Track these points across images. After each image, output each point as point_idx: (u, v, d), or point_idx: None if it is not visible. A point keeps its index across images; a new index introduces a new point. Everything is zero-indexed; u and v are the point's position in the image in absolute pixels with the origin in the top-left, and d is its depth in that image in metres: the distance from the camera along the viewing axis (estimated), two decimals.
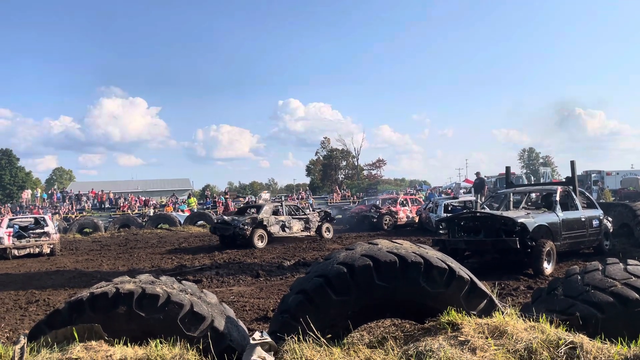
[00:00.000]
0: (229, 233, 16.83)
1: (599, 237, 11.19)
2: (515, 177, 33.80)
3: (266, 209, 17.94)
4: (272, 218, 17.68)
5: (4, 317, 7.62)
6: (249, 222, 16.85)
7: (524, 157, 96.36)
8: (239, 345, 3.33)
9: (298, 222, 18.59)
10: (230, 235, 16.82)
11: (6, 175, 72.40)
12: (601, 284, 3.42)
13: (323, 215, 20.14)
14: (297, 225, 18.51)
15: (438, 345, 2.90)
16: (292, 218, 18.51)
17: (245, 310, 7.31)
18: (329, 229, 19.64)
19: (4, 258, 16.66)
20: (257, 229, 16.97)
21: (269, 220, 17.50)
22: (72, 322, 3.15)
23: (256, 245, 16.50)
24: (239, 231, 16.52)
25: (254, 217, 17.32)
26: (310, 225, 18.96)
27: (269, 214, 17.81)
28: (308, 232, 18.83)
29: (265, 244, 16.83)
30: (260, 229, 17.05)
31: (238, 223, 16.72)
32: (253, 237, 16.66)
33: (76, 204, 39.27)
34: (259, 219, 17.19)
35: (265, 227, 17.20)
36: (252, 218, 17.16)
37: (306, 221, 18.87)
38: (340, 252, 3.56)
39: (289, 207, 19.49)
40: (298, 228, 18.51)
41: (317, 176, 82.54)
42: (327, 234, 19.39)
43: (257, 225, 17.02)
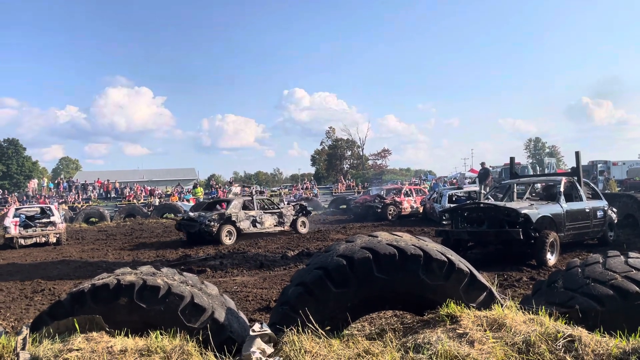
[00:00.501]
0: (195, 230, 15.98)
1: (604, 228, 11.15)
2: (521, 167, 33.69)
3: (235, 204, 16.97)
4: (241, 213, 16.73)
5: (10, 306, 7.70)
6: (216, 218, 16.01)
7: (530, 146, 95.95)
8: (240, 336, 3.35)
9: (271, 217, 17.66)
10: (196, 232, 15.96)
11: (13, 165, 72.74)
12: (601, 277, 3.41)
13: (298, 208, 19.06)
14: (270, 220, 17.59)
15: (436, 338, 2.91)
16: (264, 213, 17.59)
17: (248, 300, 7.35)
18: (304, 223, 18.67)
19: (11, 247, 16.82)
20: (225, 225, 16.06)
21: (238, 215, 16.56)
22: (73, 313, 3.18)
23: (224, 242, 15.59)
24: (205, 228, 15.64)
25: (221, 212, 16.53)
26: (284, 219, 18.01)
27: (238, 208, 16.82)
28: (282, 227, 17.92)
29: (234, 240, 15.92)
30: (228, 225, 16.14)
31: (204, 219, 15.84)
32: (221, 234, 15.77)
33: (82, 194, 39.48)
34: (226, 214, 16.30)
35: (234, 223, 16.30)
36: (219, 214, 16.35)
37: (279, 215, 17.93)
38: (340, 245, 3.57)
39: (261, 201, 18.62)
40: (271, 223, 17.59)
41: (322, 166, 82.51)
42: (302, 228, 18.39)
43: (225, 221, 16.13)
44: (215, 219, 15.93)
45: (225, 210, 16.52)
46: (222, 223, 16.00)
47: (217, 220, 15.94)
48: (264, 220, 17.41)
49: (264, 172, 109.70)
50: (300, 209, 18.99)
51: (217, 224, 15.87)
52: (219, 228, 15.82)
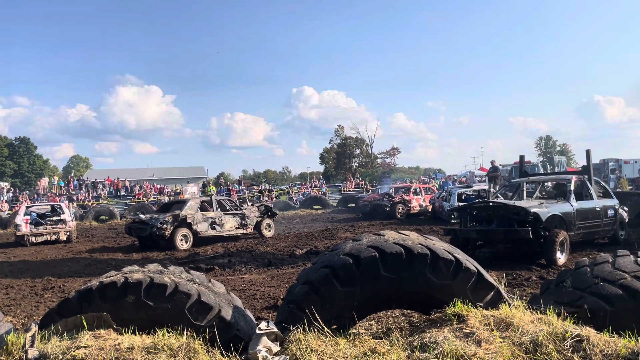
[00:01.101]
0: (146, 234, 14.75)
1: (614, 227, 11.05)
2: (531, 166, 33.49)
3: (191, 205, 15.55)
4: (198, 215, 15.39)
5: (20, 303, 7.77)
6: (169, 220, 14.64)
7: (540, 145, 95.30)
8: (246, 334, 3.36)
9: (232, 219, 16.33)
10: (148, 237, 14.79)
11: (24, 163, 73.46)
12: (610, 277, 3.38)
13: (263, 210, 17.67)
14: (231, 222, 16.26)
15: (443, 337, 2.89)
16: (225, 214, 16.24)
17: (256, 298, 7.37)
18: (269, 226, 17.44)
19: (22, 245, 17.00)
20: (179, 228, 14.76)
21: (195, 217, 15.21)
22: (81, 310, 3.20)
23: (179, 247, 14.42)
24: (157, 231, 14.36)
25: (175, 214, 15.01)
26: (247, 221, 16.64)
27: (195, 210, 15.46)
28: (244, 229, 16.56)
29: (190, 245, 14.73)
30: (183, 228, 14.85)
31: (156, 222, 14.53)
32: (175, 238, 14.53)
33: (92, 192, 39.75)
34: (181, 216, 14.90)
35: (190, 226, 14.98)
36: (173, 215, 14.89)
37: (242, 217, 16.59)
38: (346, 243, 3.56)
39: (222, 201, 17.35)
40: (232, 225, 16.25)
41: (330, 164, 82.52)
42: (267, 231, 17.18)
43: (179, 224, 14.78)
44: (169, 222, 14.62)
45: (180, 212, 15.10)
46: (176, 226, 14.71)
47: (171, 223, 14.64)
48: (224, 223, 16.06)
49: (273, 171, 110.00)
50: (266, 210, 17.67)
51: (171, 226, 14.59)
52: (172, 231, 14.58)
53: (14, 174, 71.19)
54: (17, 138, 77.12)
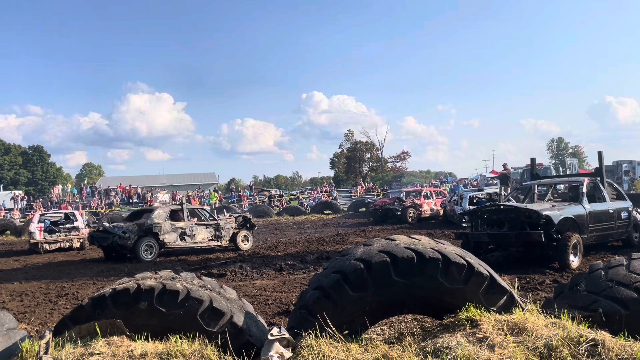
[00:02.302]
0: (108, 243, 13.84)
1: (628, 229, 10.93)
2: (543, 168, 33.24)
3: (158, 213, 14.38)
4: (166, 224, 14.22)
5: (35, 310, 7.84)
6: (134, 229, 13.81)
7: (552, 147, 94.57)
8: (258, 340, 3.36)
9: (205, 230, 15.12)
10: (109, 246, 13.90)
11: (38, 171, 74.26)
12: (625, 280, 3.35)
13: (241, 221, 16.25)
14: (204, 233, 15.04)
15: (455, 342, 2.88)
16: (197, 224, 15.07)
17: (268, 304, 7.37)
18: (247, 238, 15.94)
19: (36, 252, 17.17)
20: (144, 237, 13.82)
21: (162, 227, 14.05)
22: (95, 317, 3.24)
23: (143, 258, 13.54)
24: (119, 240, 13.56)
25: (140, 222, 14.15)
26: (222, 233, 15.35)
27: (163, 219, 14.28)
28: (218, 241, 15.27)
29: (154, 256, 13.77)
30: (149, 238, 13.88)
31: (118, 230, 13.73)
32: (138, 248, 13.65)
33: (105, 199, 40.11)
34: (147, 225, 13.89)
35: (156, 236, 13.92)
36: (138, 224, 14.03)
37: (216, 228, 15.31)
38: (357, 248, 3.56)
39: (195, 210, 16.39)
40: (204, 237, 15.04)
41: (341, 169, 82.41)
42: (244, 243, 15.69)
43: (144, 233, 13.86)
44: (133, 231, 13.79)
45: (146, 221, 14.11)
46: (141, 235, 13.83)
47: (135, 232, 13.79)
48: (196, 233, 14.88)
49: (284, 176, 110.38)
50: (244, 222, 16.28)
51: (135, 236, 13.72)
52: (136, 241, 13.70)
53: (27, 182, 71.98)
54: (30, 147, 78.08)
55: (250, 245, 15.89)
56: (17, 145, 77.41)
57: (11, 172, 71.55)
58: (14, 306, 8.24)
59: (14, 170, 71.96)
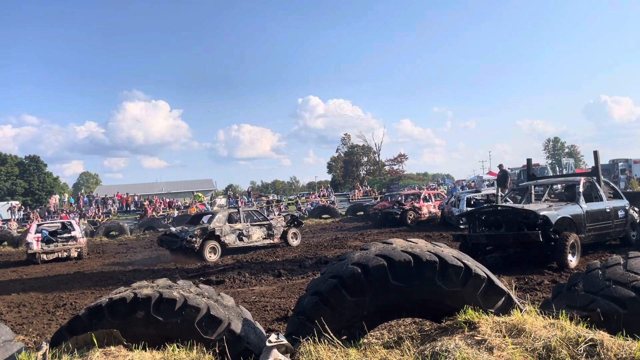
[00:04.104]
0: (176, 246, 15.08)
1: (625, 228, 10.95)
2: (540, 168, 33.31)
3: (219, 217, 15.88)
4: (226, 227, 15.68)
5: (32, 321, 7.80)
6: (198, 233, 14.99)
7: (549, 147, 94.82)
8: (257, 347, 3.35)
9: (259, 230, 16.57)
10: (178, 249, 15.05)
11: (35, 181, 73.99)
12: (623, 279, 3.34)
13: (289, 219, 17.93)
14: (258, 233, 16.49)
15: (454, 345, 2.87)
16: (252, 225, 16.50)
17: (267, 310, 7.35)
18: (295, 235, 17.54)
19: (34, 263, 17.09)
20: (208, 240, 15.09)
21: (223, 229, 15.50)
22: (92, 327, 3.21)
23: (208, 258, 14.65)
24: (187, 244, 14.71)
25: (204, 227, 15.34)
26: (274, 231, 16.85)
27: (223, 222, 15.78)
28: (271, 239, 16.76)
29: (218, 256, 14.98)
30: (212, 240, 15.16)
31: (185, 235, 14.96)
32: (204, 250, 14.83)
33: (102, 208, 39.97)
34: (210, 228, 15.19)
35: (218, 238, 15.28)
36: (202, 228, 15.22)
37: (268, 228, 16.81)
38: (354, 253, 3.55)
39: (249, 212, 17.66)
40: (259, 236, 16.48)
41: (338, 173, 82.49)
42: (293, 240, 17.29)
43: (208, 236, 15.11)
44: (198, 234, 14.95)
45: (209, 225, 15.43)
46: (205, 238, 15.04)
47: (200, 236, 14.96)
48: (252, 234, 16.33)
49: (281, 181, 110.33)
50: (292, 220, 17.95)
51: (200, 239, 14.91)
52: (201, 244, 14.90)
53: (24, 192, 71.69)
54: (27, 157, 77.79)
55: (299, 242, 17.45)
56: (14, 156, 77.15)
57: (8, 182, 71.30)
58: (12, 317, 8.20)
59: (10, 181, 71.70)
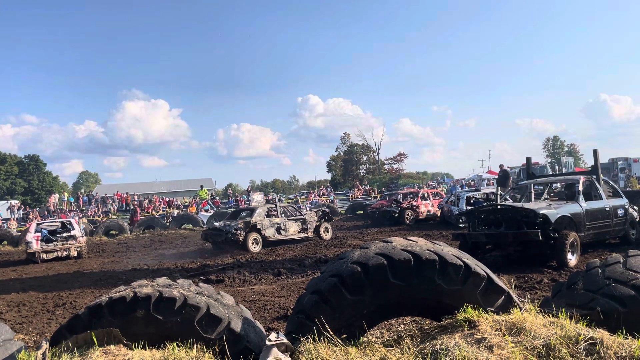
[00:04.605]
0: (221, 239, 16.14)
1: (625, 226, 10.95)
2: (539, 167, 33.30)
3: (259, 212, 17.11)
4: (266, 221, 16.85)
5: (32, 320, 7.80)
6: (241, 226, 16.10)
7: (548, 146, 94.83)
8: (256, 346, 3.35)
9: (294, 224, 17.73)
10: (223, 242, 16.12)
11: (34, 181, 73.93)
12: (622, 277, 3.35)
13: (321, 214, 19.17)
14: (294, 227, 17.65)
15: (454, 344, 2.87)
16: (288, 220, 17.63)
17: (266, 309, 7.34)
18: (327, 229, 18.75)
19: (33, 262, 17.06)
20: (250, 233, 16.17)
21: (263, 223, 16.69)
22: (91, 326, 3.21)
23: (251, 250, 15.65)
24: (232, 237, 15.78)
25: (247, 221, 16.52)
26: (308, 226, 18.02)
27: (263, 216, 16.98)
28: (305, 233, 17.90)
29: (260, 248, 16.03)
30: (254, 233, 16.26)
31: (230, 228, 16.00)
32: (247, 242, 15.88)
33: (102, 207, 39.97)
34: (252, 222, 16.38)
35: (259, 231, 16.44)
36: (245, 222, 16.40)
37: (303, 222, 17.97)
38: (354, 251, 3.55)
39: (284, 208, 18.72)
40: (295, 230, 17.65)
41: (338, 172, 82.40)
42: (325, 234, 18.44)
43: (250, 230, 16.22)
44: (241, 228, 16.05)
45: (251, 219, 16.63)
46: (247, 231, 16.12)
47: (243, 229, 16.05)
48: (288, 227, 17.46)
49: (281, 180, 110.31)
50: (323, 215, 19.11)
51: (243, 232, 15.99)
52: (245, 236, 15.95)
53: (24, 191, 71.64)
54: (26, 156, 77.72)
55: (330, 236, 18.59)
56: (13, 155, 77.07)
57: (7, 181, 71.24)
58: (11, 317, 8.20)
59: (10, 180, 71.62)
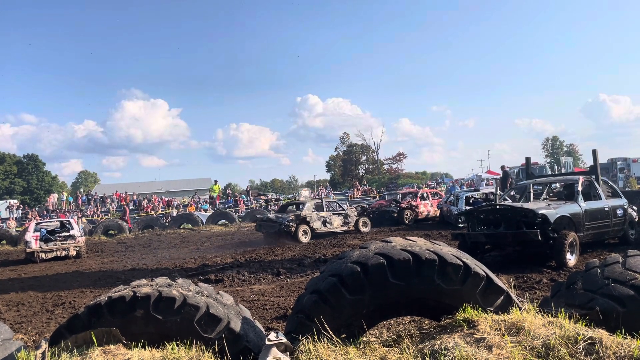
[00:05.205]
0: (274, 230, 17.64)
1: (624, 226, 10.97)
2: (539, 167, 33.33)
3: (308, 206, 18.72)
4: (314, 214, 18.37)
5: (31, 320, 7.79)
6: (293, 218, 17.60)
7: (547, 146, 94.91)
8: (256, 346, 3.35)
9: (338, 218, 19.20)
10: (276, 232, 17.58)
11: (33, 180, 73.86)
12: (621, 277, 3.35)
13: (360, 210, 20.84)
14: (337, 221, 19.13)
15: (453, 343, 2.87)
16: (332, 214, 19.14)
17: (266, 309, 7.34)
18: (366, 223, 20.30)
19: (32, 262, 17.04)
20: (300, 225, 17.70)
21: (312, 216, 18.23)
22: (91, 326, 3.21)
23: (300, 240, 17.20)
24: (285, 228, 17.24)
25: (297, 213, 18.14)
26: (349, 220, 19.56)
27: (311, 210, 18.54)
28: (347, 226, 19.45)
29: (308, 239, 17.55)
30: (303, 225, 17.79)
31: (283, 220, 17.49)
32: (298, 233, 17.39)
33: (101, 207, 39.95)
34: (302, 215, 17.96)
35: (308, 223, 17.94)
36: (296, 215, 17.96)
37: (345, 216, 19.47)
38: (353, 251, 3.55)
39: (329, 203, 20.29)
40: (338, 223, 19.12)
41: (337, 172, 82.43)
42: (364, 228, 20.05)
43: (300, 222, 17.76)
44: (293, 220, 17.56)
45: (301, 212, 18.23)
46: (298, 223, 17.64)
47: (295, 221, 17.56)
48: (333, 221, 18.94)
49: (280, 180, 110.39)
50: (362, 211, 20.85)
51: (295, 224, 17.50)
52: (296, 228, 17.46)
53: (23, 191, 71.57)
54: (25, 155, 77.66)
55: (369, 229, 20.15)
56: (12, 155, 77.00)
57: (6, 181, 71.17)
58: (10, 316, 8.19)
59: (9, 180, 71.55)
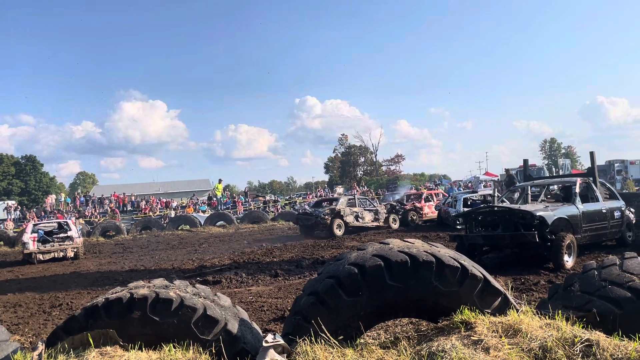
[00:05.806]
0: (311, 222, 18.92)
1: (621, 228, 10.98)
2: (537, 169, 33.39)
3: (342, 201, 20.03)
4: (347, 209, 19.45)
5: (28, 322, 7.77)
6: (328, 212, 18.81)
7: (545, 148, 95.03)
8: (253, 347, 3.34)
9: (369, 214, 20.16)
10: (312, 225, 18.89)
11: (31, 181, 73.71)
12: (619, 279, 3.36)
13: (390, 207, 21.82)
14: (368, 216, 20.05)
15: (451, 345, 2.87)
16: (364, 210, 20.09)
17: (264, 310, 7.34)
18: (395, 220, 21.28)
19: (30, 263, 17.00)
20: (335, 218, 18.81)
21: (345, 211, 19.30)
22: (88, 327, 3.20)
23: (335, 233, 18.34)
24: (321, 220, 18.53)
25: (332, 208, 19.31)
26: (379, 216, 20.47)
27: (345, 205, 19.70)
28: (377, 222, 20.36)
29: (342, 232, 18.70)
30: (338, 219, 18.88)
31: (319, 213, 18.83)
32: (332, 226, 18.57)
33: (99, 208, 39.87)
34: (337, 209, 19.11)
35: (342, 217, 19.00)
36: (331, 209, 19.13)
37: (375, 213, 20.41)
38: (351, 253, 3.55)
39: (360, 200, 21.38)
40: (369, 219, 20.04)
41: (335, 173, 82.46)
42: (393, 224, 20.99)
43: (335, 216, 18.86)
44: (328, 213, 18.81)
45: (335, 207, 19.41)
46: (333, 217, 18.84)
47: (330, 214, 18.80)
48: (364, 216, 19.94)
49: (278, 181, 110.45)
50: (391, 208, 21.82)
51: (330, 217, 18.73)
52: (331, 220, 18.66)
53: (20, 192, 71.40)
54: (23, 156, 77.49)
55: (398, 226, 21.08)
56: (10, 155, 76.82)
57: (4, 182, 71.00)
58: (7, 318, 8.17)
59: (6, 181, 71.40)
